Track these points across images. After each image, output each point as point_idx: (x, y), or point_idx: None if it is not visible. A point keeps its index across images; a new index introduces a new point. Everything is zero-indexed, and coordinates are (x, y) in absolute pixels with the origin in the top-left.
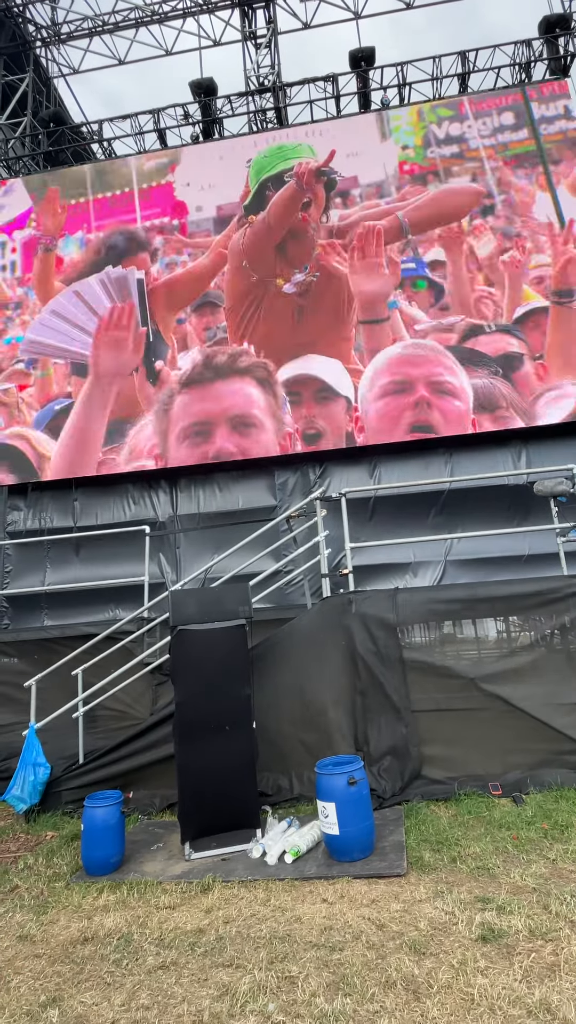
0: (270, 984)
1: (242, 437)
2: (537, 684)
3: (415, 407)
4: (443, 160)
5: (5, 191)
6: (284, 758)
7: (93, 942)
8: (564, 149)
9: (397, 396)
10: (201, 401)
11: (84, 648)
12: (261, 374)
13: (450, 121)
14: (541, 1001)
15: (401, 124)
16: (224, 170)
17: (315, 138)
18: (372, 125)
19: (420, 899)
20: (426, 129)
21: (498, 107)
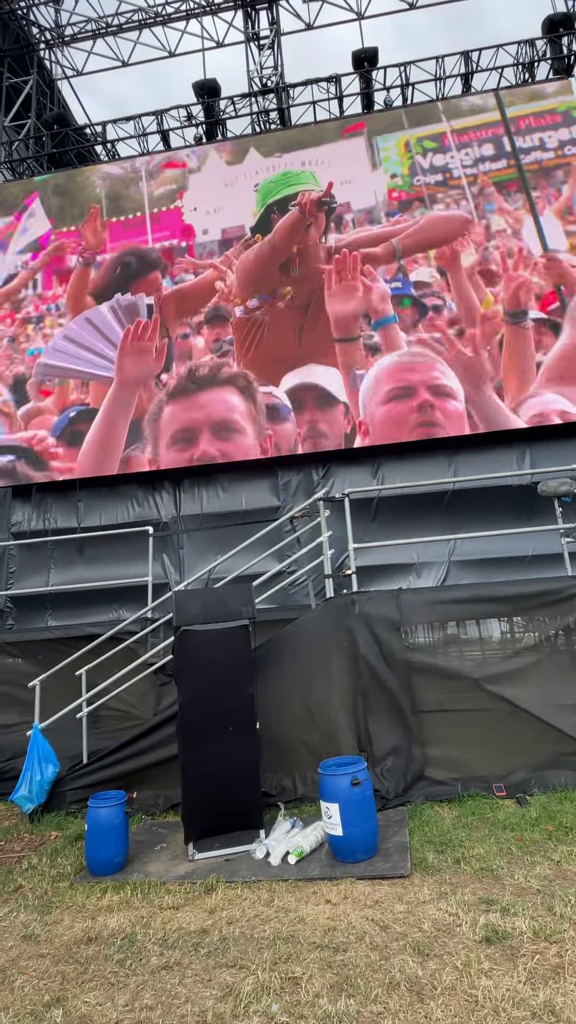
0: (274, 985)
1: (223, 442)
2: (541, 685)
3: (419, 410)
4: (428, 188)
5: (29, 215)
6: (287, 759)
7: (97, 942)
8: (539, 178)
9: (400, 401)
10: (186, 411)
11: (88, 648)
12: (241, 383)
13: (434, 152)
14: (545, 1003)
15: (390, 155)
16: (229, 196)
17: (316, 167)
18: (363, 154)
19: (424, 900)
20: (412, 159)
21: (479, 139)
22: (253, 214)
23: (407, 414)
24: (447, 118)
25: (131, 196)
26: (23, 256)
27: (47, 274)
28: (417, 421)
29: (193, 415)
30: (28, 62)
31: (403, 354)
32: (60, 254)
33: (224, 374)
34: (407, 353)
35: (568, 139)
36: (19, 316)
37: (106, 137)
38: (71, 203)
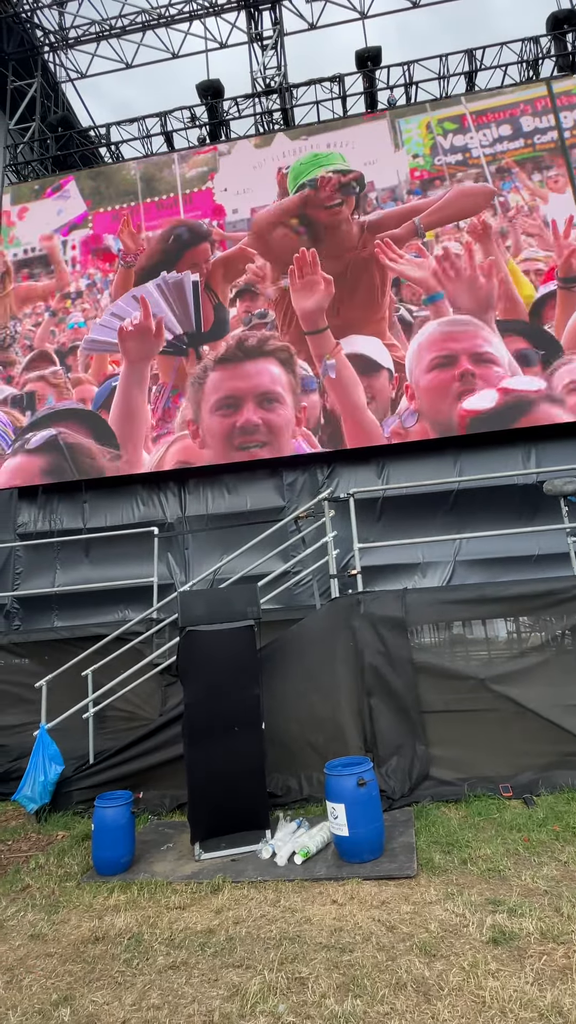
0: (280, 985)
1: (267, 412)
2: (548, 685)
3: (460, 379)
4: (449, 167)
5: (61, 195)
6: (293, 759)
7: (104, 941)
8: (556, 156)
9: (443, 370)
10: (232, 379)
11: (94, 649)
12: (284, 355)
13: (454, 133)
14: (553, 1004)
15: (412, 136)
16: (257, 177)
17: (341, 148)
18: (386, 135)
19: (430, 901)
20: (434, 140)
21: (496, 120)
22: (282, 194)
23: (449, 383)
24: (466, 100)
25: (164, 178)
26: (58, 237)
27: (84, 252)
28: (459, 390)
29: (238, 384)
30: (32, 65)
31: (446, 322)
32: (98, 232)
33: (270, 346)
34: (450, 321)
35: None
36: (59, 292)
37: (110, 139)
38: (107, 184)
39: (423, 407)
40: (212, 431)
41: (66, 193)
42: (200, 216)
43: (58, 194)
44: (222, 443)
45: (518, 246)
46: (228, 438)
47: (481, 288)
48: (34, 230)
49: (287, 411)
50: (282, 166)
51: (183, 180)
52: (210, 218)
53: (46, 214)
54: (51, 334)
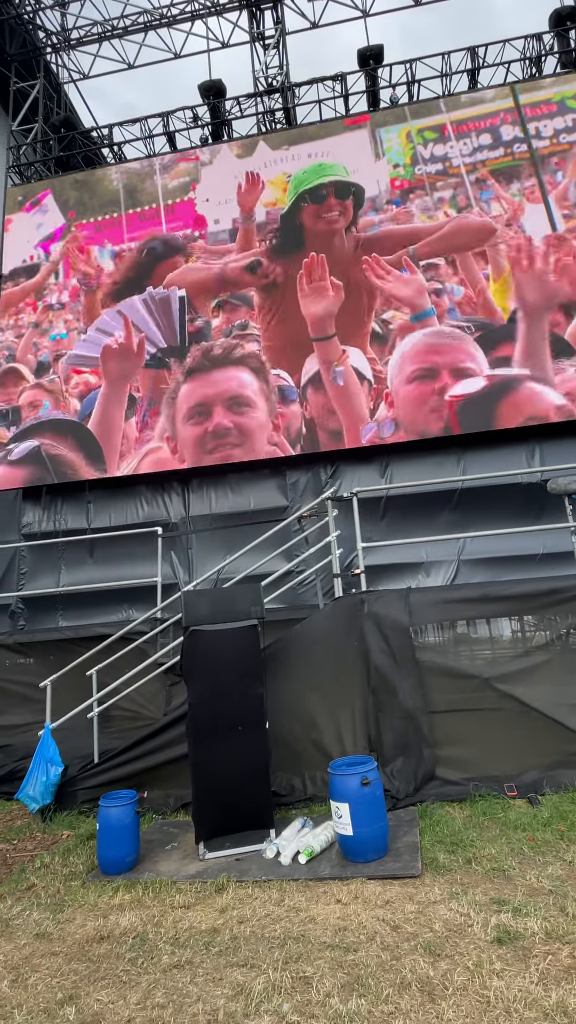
0: (284, 984)
1: (236, 415)
2: (552, 684)
3: (439, 393)
4: (428, 176)
5: (40, 210)
6: (297, 758)
7: (109, 941)
8: (531, 165)
9: (423, 382)
10: (202, 387)
11: (98, 649)
12: (255, 364)
13: (434, 142)
14: (558, 1003)
15: (393, 145)
16: (238, 186)
17: (323, 158)
18: (367, 145)
19: (435, 900)
20: (414, 149)
21: (477, 129)
22: (264, 204)
23: (428, 396)
24: (447, 109)
25: (146, 189)
26: (39, 251)
27: (66, 263)
28: (435, 405)
29: (207, 391)
30: (35, 66)
31: (431, 333)
32: (78, 244)
33: (237, 354)
34: (435, 333)
35: (563, 127)
36: (40, 304)
37: (113, 140)
38: (90, 195)
39: (400, 416)
40: (185, 440)
41: (44, 208)
42: (182, 227)
43: (36, 209)
44: (195, 450)
45: (498, 269)
46: (201, 444)
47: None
48: (16, 244)
49: (259, 414)
50: (276, 174)
51: (165, 190)
52: (192, 229)
53: (27, 229)
54: (33, 346)
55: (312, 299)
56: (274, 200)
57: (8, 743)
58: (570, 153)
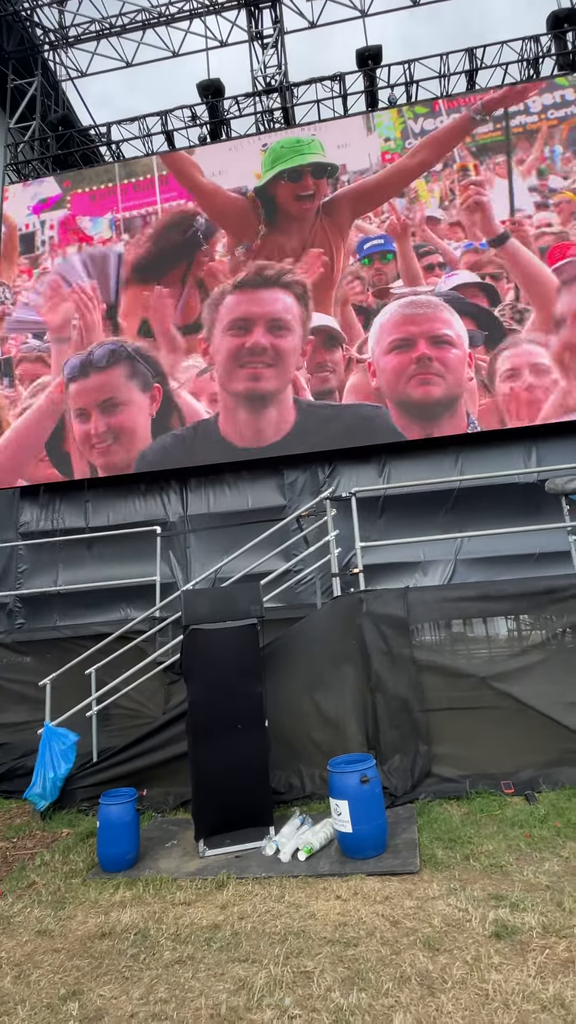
0: (286, 979)
1: (275, 337)
2: (548, 682)
3: (417, 362)
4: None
5: (38, 182)
6: (296, 756)
7: (110, 937)
8: (522, 140)
9: (401, 352)
10: (248, 303)
11: (97, 647)
12: (299, 290)
13: (424, 117)
14: (555, 996)
15: (383, 120)
16: (234, 159)
17: (314, 130)
18: (359, 121)
19: (433, 896)
20: (404, 124)
21: (468, 104)
22: (256, 176)
23: (406, 366)
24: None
25: (140, 160)
26: (33, 217)
27: (62, 231)
28: (414, 374)
29: (252, 308)
30: (32, 63)
31: (407, 303)
32: (75, 213)
33: (287, 279)
34: (411, 303)
35: (551, 103)
36: (36, 271)
37: (111, 138)
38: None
39: (383, 386)
40: (220, 350)
41: (40, 180)
42: (176, 197)
43: (33, 182)
44: (227, 363)
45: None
46: (235, 357)
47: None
48: (15, 214)
49: (295, 340)
50: (264, 143)
51: (159, 163)
52: (186, 200)
53: (26, 198)
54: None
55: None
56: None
57: (6, 741)
58: (556, 128)
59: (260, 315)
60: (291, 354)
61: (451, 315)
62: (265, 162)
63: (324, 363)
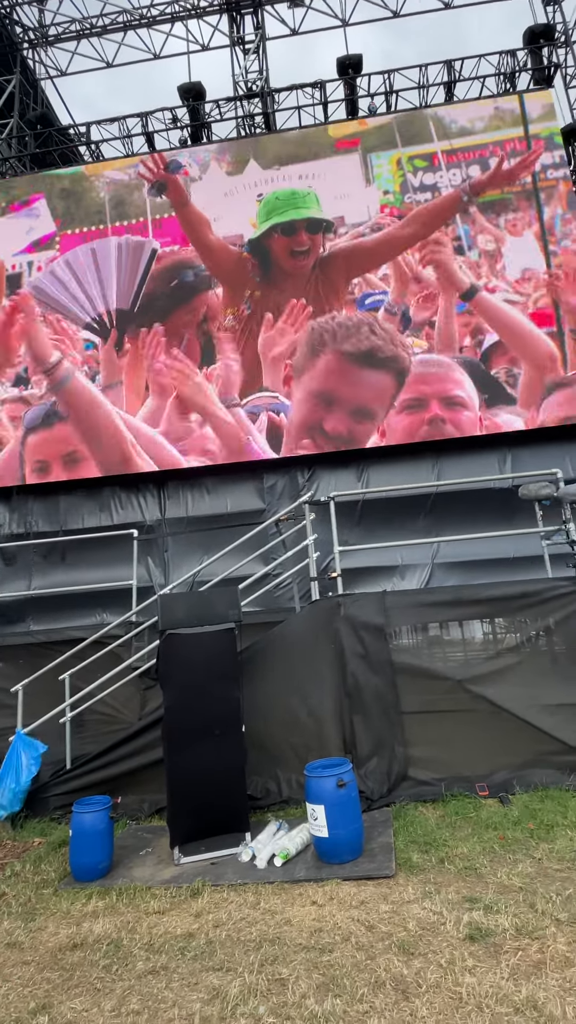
0: (260, 987)
1: (354, 423)
2: (522, 685)
3: (429, 424)
4: (418, 205)
5: (29, 212)
6: (273, 761)
7: (82, 948)
8: (521, 199)
9: (413, 412)
10: (339, 376)
11: (71, 653)
12: (398, 367)
13: (424, 171)
14: (528, 998)
15: (383, 171)
16: (228, 205)
17: (313, 181)
18: (358, 170)
19: (409, 900)
20: (404, 177)
21: (467, 160)
22: (252, 224)
23: (419, 427)
24: (437, 138)
25: (134, 202)
26: (26, 257)
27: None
28: (426, 435)
29: (341, 387)
30: (11, 61)
31: (418, 362)
32: (63, 254)
33: (389, 352)
34: (422, 362)
35: (550, 163)
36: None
37: (90, 138)
38: (76, 206)
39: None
40: (296, 411)
41: (35, 211)
42: (171, 242)
43: (26, 210)
44: (299, 428)
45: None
46: (309, 431)
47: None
48: (2, 248)
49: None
50: (260, 193)
51: (152, 204)
52: (180, 245)
53: (15, 232)
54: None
55: (277, 338)
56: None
57: None
58: (555, 189)
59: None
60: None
61: (463, 375)
62: (260, 213)
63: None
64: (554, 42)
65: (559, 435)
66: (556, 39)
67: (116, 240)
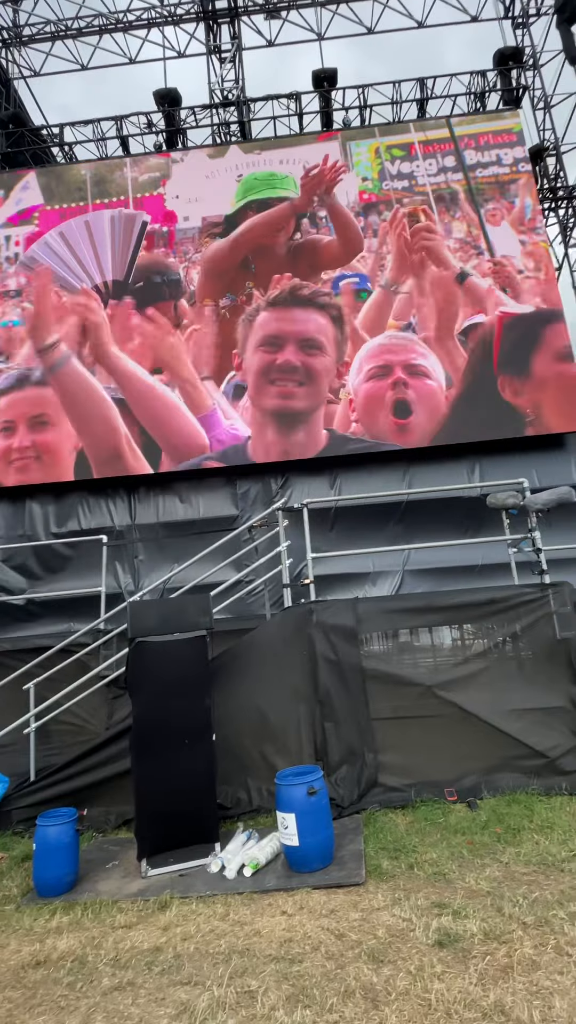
0: (229, 1000)
1: (307, 356)
2: (490, 690)
3: (393, 387)
4: (395, 192)
5: (23, 186)
6: (244, 770)
7: (45, 965)
8: (495, 190)
9: (379, 380)
10: (279, 321)
11: (37, 662)
12: (335, 312)
13: (402, 160)
14: (495, 1003)
15: (362, 159)
16: (210, 187)
17: (294, 165)
18: (338, 157)
19: (378, 907)
20: (382, 165)
21: (442, 151)
22: (232, 204)
23: (384, 392)
24: (415, 129)
25: (115, 180)
26: (3, 231)
27: (28, 248)
28: (391, 398)
29: (284, 326)
30: None
31: (388, 336)
32: (43, 230)
33: (322, 300)
34: (391, 335)
35: (523, 156)
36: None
37: (63, 139)
38: (57, 182)
39: (360, 415)
40: (250, 366)
41: (26, 184)
42: (152, 221)
43: (20, 184)
44: (257, 378)
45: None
46: (264, 373)
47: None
48: None
49: (328, 360)
50: (240, 175)
51: (134, 184)
52: (161, 223)
53: (7, 204)
54: None
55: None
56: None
57: None
58: (527, 182)
59: (292, 333)
60: (324, 374)
61: (428, 351)
62: (238, 192)
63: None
64: (522, 64)
65: (525, 446)
66: (524, 62)
67: (109, 213)
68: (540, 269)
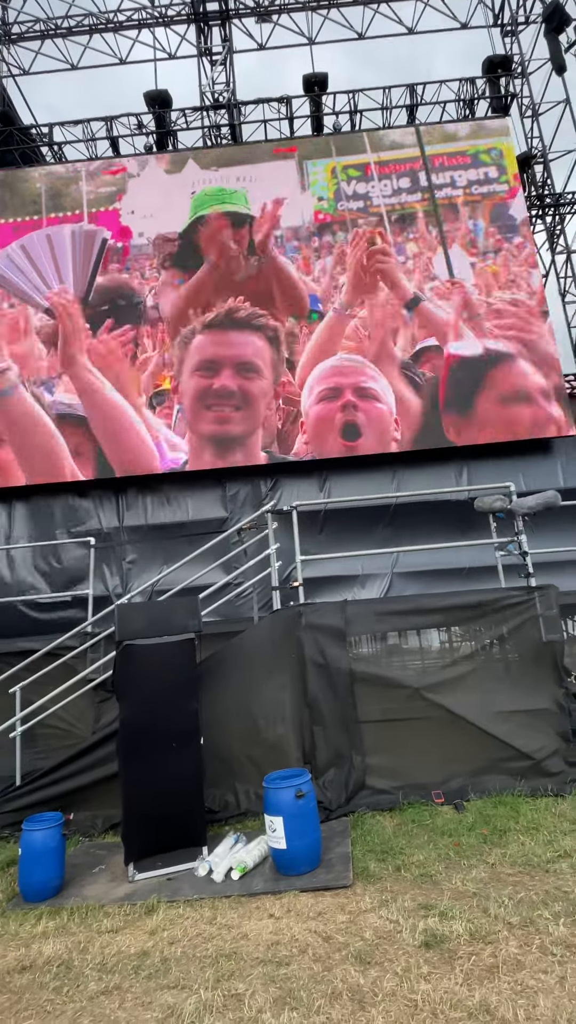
0: (216, 1003)
1: (244, 379)
2: (477, 693)
3: (343, 410)
4: (350, 213)
5: None
6: (232, 773)
7: (31, 970)
8: (450, 211)
9: (329, 402)
10: (215, 345)
11: (23, 665)
12: (271, 333)
13: (357, 180)
14: (481, 1003)
15: (318, 179)
16: (165, 203)
17: (250, 183)
18: (294, 175)
19: (365, 909)
20: (337, 185)
21: (398, 172)
22: (183, 222)
23: (333, 414)
24: (371, 150)
25: (70, 194)
26: None
27: None
28: (341, 421)
29: (220, 351)
30: None
31: (339, 358)
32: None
33: (258, 322)
34: (342, 358)
35: (475, 179)
36: None
37: (52, 139)
38: (11, 194)
39: (310, 437)
40: (188, 391)
41: None
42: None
43: None
44: (194, 402)
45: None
46: (201, 398)
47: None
48: None
49: (265, 383)
50: (194, 191)
51: (89, 200)
52: (115, 239)
53: None
54: None
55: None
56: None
57: None
58: (480, 204)
59: (229, 357)
60: (260, 397)
61: (378, 375)
62: (191, 208)
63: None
64: (511, 72)
65: (512, 450)
66: (513, 70)
67: (70, 228)
68: (490, 293)
